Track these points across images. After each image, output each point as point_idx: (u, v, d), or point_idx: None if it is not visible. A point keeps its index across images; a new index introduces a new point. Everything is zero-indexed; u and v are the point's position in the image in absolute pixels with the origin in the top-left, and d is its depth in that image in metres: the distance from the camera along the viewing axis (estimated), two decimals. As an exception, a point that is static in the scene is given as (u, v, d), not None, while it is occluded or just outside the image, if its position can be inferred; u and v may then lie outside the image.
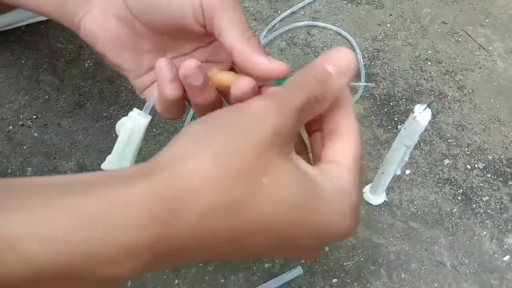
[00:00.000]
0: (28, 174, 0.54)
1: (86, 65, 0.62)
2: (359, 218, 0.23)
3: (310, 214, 0.19)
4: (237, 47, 0.26)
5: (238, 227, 0.18)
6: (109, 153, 0.34)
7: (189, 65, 0.24)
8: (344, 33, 0.65)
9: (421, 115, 0.39)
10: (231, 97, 0.25)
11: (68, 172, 0.55)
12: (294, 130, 0.21)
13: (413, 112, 0.39)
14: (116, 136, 0.33)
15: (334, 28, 0.66)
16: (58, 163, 0.55)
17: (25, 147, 0.56)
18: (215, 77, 0.27)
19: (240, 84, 0.24)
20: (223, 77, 0.27)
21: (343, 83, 0.25)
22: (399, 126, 0.58)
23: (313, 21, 0.67)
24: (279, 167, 0.19)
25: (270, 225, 0.18)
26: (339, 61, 0.25)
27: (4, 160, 0.55)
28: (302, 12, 0.69)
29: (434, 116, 0.59)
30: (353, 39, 0.65)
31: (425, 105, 0.39)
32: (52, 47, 0.64)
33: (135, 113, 0.31)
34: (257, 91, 0.26)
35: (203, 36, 0.28)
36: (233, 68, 0.32)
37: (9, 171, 0.54)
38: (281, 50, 0.65)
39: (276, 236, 0.19)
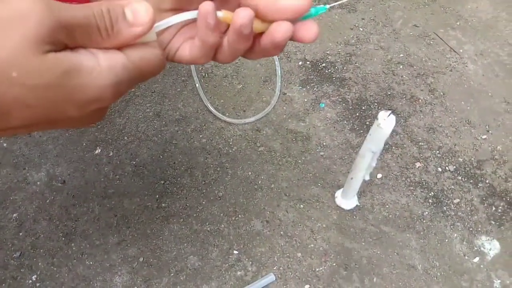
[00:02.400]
0: (-4, 186, 0.53)
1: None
2: (124, 91, 0.26)
3: (67, 90, 0.23)
4: None
5: None
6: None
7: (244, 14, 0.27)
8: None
9: (385, 121, 0.39)
10: (235, 26, 0.27)
11: (38, 183, 0.54)
12: (54, 38, 0.23)
13: (377, 119, 0.39)
14: None
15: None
16: (28, 174, 0.54)
17: (-7, 158, 0.55)
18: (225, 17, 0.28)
19: (241, 13, 0.26)
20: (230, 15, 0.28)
21: (134, 34, 0.26)
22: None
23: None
24: (30, 63, 0.22)
25: (25, 105, 0.23)
26: (140, 13, 0.26)
27: (-29, 172, 0.54)
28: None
29: (405, 119, 0.59)
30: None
31: (389, 112, 0.39)
32: None
33: None
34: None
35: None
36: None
37: (-23, 183, 0.53)
38: (255, 55, 0.65)
39: (37, 113, 0.23)
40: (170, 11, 0.31)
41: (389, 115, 0.39)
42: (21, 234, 0.50)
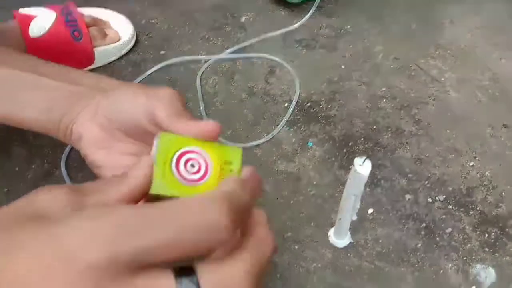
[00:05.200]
0: None
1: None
2: None
3: None
4: (166, 121, 0.31)
5: None
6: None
7: None
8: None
9: (361, 167, 0.41)
10: None
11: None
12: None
13: (353, 165, 0.41)
14: None
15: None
16: (29, 236, 0.56)
17: (-4, 223, 0.57)
18: None
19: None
20: None
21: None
22: (359, 166, 0.59)
23: (270, 69, 0.70)
24: None
25: None
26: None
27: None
28: (260, 62, 0.72)
29: (392, 152, 0.61)
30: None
31: (364, 157, 0.41)
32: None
33: None
34: None
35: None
36: None
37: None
38: (242, 101, 0.67)
39: None
40: (124, 154, 0.37)
41: (365, 160, 0.41)
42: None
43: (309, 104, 0.66)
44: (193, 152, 0.28)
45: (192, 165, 0.28)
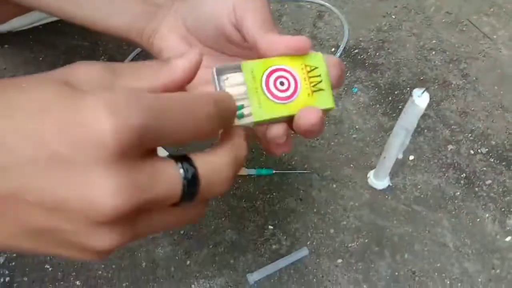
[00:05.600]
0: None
1: (101, 60, 0.65)
2: None
3: None
4: (256, 32, 0.29)
5: None
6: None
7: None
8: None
9: (420, 98, 0.41)
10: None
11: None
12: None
13: (411, 96, 0.41)
14: None
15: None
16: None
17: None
18: None
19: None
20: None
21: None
22: (403, 114, 0.59)
23: (319, 13, 0.69)
24: None
25: None
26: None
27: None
28: (309, 6, 0.71)
29: (437, 103, 0.60)
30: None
31: (423, 89, 0.41)
32: (68, 44, 0.67)
33: None
34: None
35: (242, 47, 0.33)
36: None
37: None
38: (288, 43, 0.67)
39: None
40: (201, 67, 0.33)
41: (423, 92, 0.41)
42: None
43: (356, 50, 0.65)
44: (279, 70, 0.28)
45: (282, 83, 0.28)
